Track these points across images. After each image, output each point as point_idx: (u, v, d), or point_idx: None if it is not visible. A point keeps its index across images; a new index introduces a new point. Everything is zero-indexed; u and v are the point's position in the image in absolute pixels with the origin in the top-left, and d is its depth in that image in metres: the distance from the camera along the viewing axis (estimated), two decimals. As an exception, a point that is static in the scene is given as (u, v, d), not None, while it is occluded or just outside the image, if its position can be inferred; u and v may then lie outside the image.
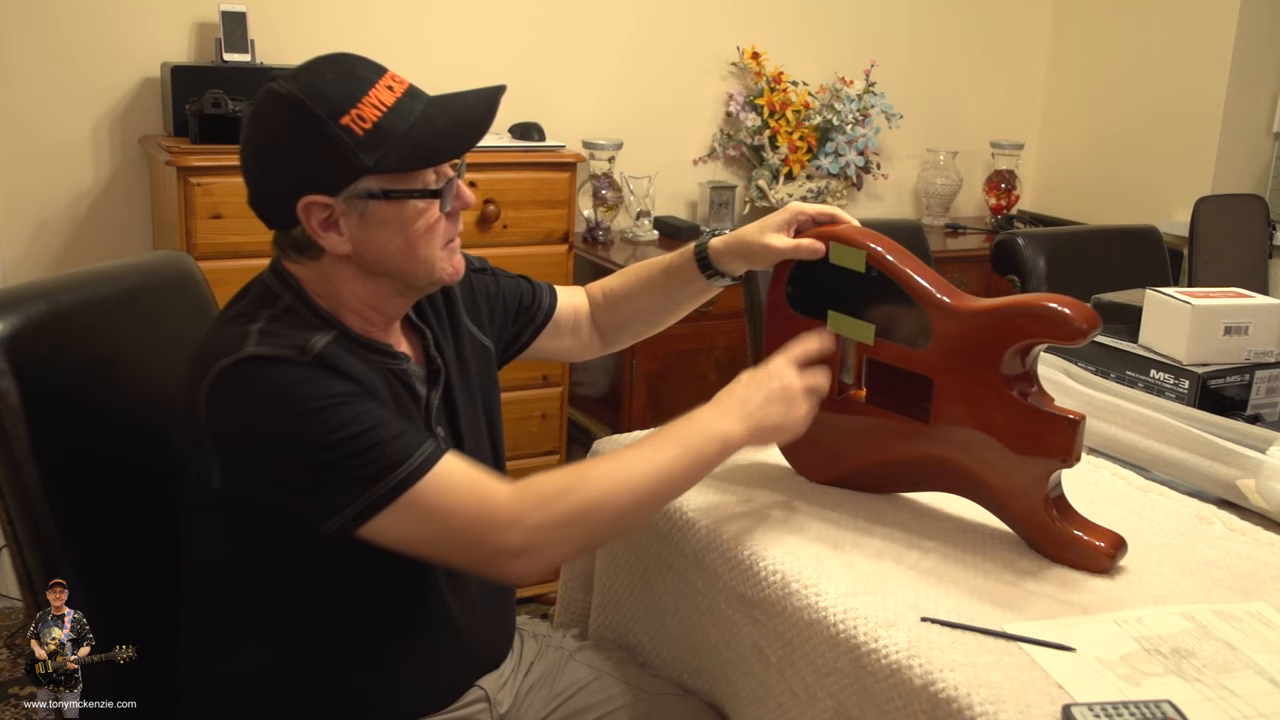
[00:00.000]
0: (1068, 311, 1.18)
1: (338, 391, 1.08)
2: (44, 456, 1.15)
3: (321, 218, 1.12)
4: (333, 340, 1.13)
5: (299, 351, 1.09)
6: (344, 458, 1.07)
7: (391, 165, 1.11)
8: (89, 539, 1.19)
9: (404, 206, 1.14)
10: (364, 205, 1.12)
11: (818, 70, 3.38)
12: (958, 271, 3.21)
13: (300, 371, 1.08)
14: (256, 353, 1.08)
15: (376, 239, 1.14)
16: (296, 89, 1.11)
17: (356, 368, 1.13)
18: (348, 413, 1.08)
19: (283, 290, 1.17)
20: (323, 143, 1.10)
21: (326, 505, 1.08)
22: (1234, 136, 3.35)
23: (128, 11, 2.58)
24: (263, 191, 1.16)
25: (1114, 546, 1.22)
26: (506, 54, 2.97)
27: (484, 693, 1.31)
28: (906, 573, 1.20)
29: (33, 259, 2.60)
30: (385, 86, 1.14)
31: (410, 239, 1.15)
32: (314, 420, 1.06)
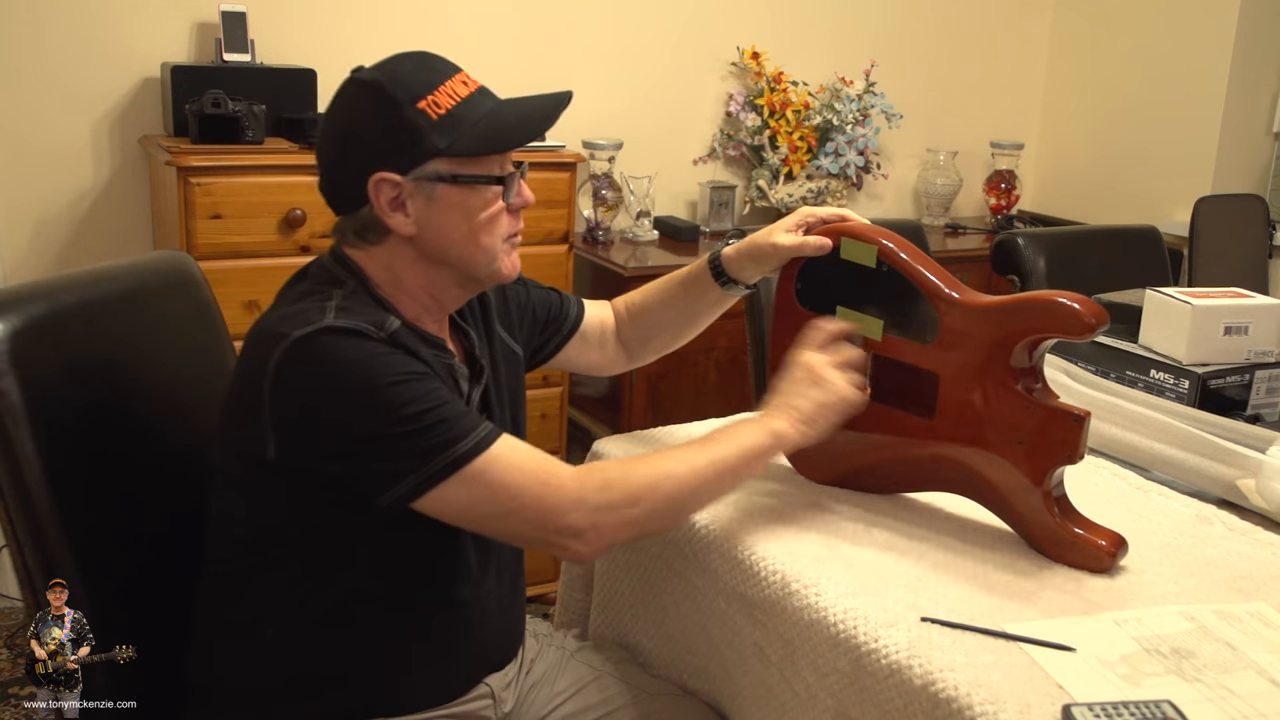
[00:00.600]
0: (1077, 306, 1.19)
1: (411, 369, 1.12)
2: (44, 456, 1.15)
3: (390, 196, 1.16)
4: (401, 325, 1.16)
5: (376, 328, 1.12)
6: (413, 431, 1.10)
7: (461, 149, 1.16)
8: (89, 539, 1.19)
9: (470, 192, 1.18)
10: (432, 188, 1.17)
11: (818, 70, 3.38)
12: (958, 271, 3.17)
13: (375, 347, 1.11)
14: (336, 324, 1.11)
15: (441, 222, 1.18)
16: (378, 75, 1.18)
17: (424, 352, 1.17)
18: (420, 389, 1.11)
19: (346, 275, 1.20)
20: (398, 123, 1.15)
21: (388, 473, 1.10)
22: (1234, 136, 3.35)
23: (128, 12, 2.58)
24: (336, 172, 1.21)
25: (1115, 545, 1.22)
26: (507, 54, 2.97)
27: (490, 690, 1.31)
28: (906, 573, 1.20)
29: (33, 259, 2.60)
30: (460, 81, 1.20)
31: (474, 226, 1.19)
32: (390, 392, 1.10)
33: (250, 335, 1.16)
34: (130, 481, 1.26)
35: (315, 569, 1.18)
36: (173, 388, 1.36)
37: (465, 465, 1.11)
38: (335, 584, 1.19)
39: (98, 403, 1.24)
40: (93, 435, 1.23)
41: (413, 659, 1.23)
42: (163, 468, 1.30)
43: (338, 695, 1.21)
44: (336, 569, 1.18)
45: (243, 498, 1.18)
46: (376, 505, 1.12)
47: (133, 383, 1.30)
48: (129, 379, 1.30)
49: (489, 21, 2.95)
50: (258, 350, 1.13)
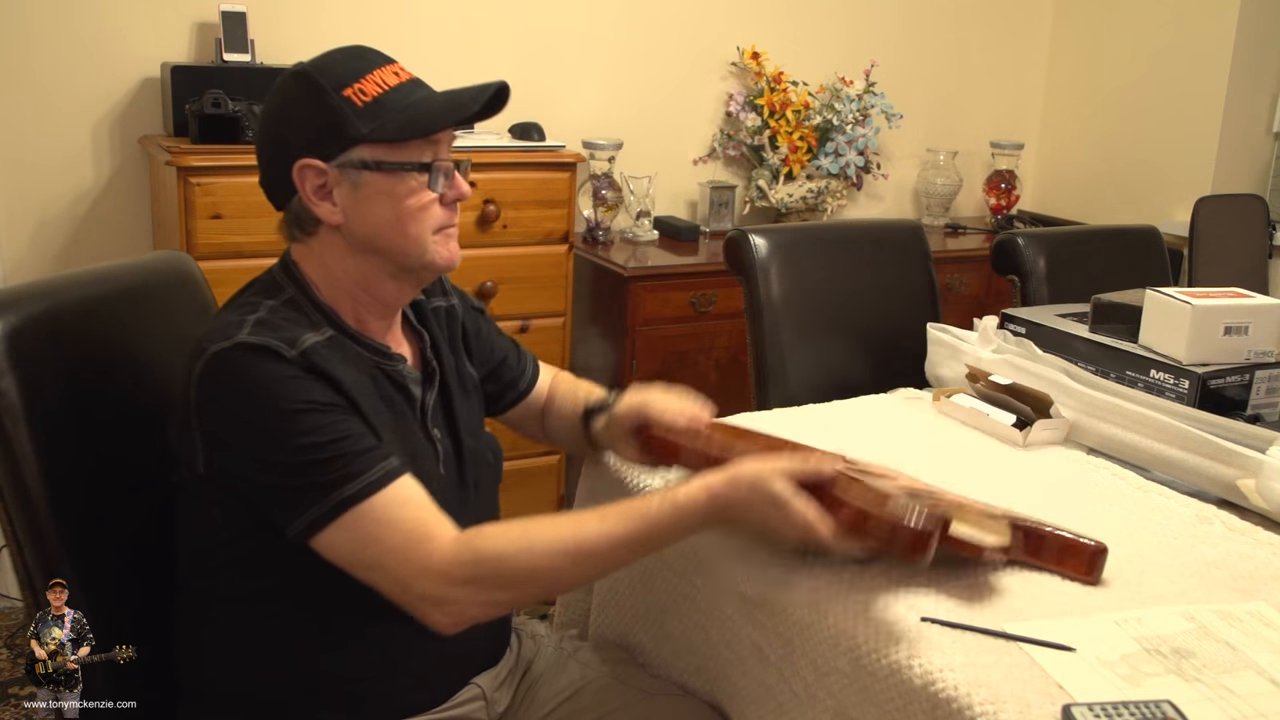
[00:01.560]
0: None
1: (314, 398, 1.10)
2: (44, 456, 1.15)
3: (316, 184, 1.17)
4: (327, 340, 1.15)
5: (288, 345, 1.11)
6: (307, 464, 1.08)
7: (385, 135, 1.15)
8: (89, 539, 1.19)
9: (395, 180, 1.17)
10: (357, 175, 1.16)
11: (818, 70, 3.38)
12: (958, 271, 3.21)
13: (283, 369, 1.10)
14: (247, 341, 1.10)
15: (368, 211, 1.17)
16: (308, 65, 1.18)
17: (344, 372, 1.14)
18: (318, 420, 1.10)
19: (287, 282, 1.20)
20: (322, 110, 1.15)
21: (292, 504, 1.10)
22: (1234, 136, 3.35)
23: (128, 12, 2.58)
24: (268, 163, 1.21)
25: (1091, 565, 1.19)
26: (507, 54, 2.97)
27: (480, 690, 1.31)
28: (906, 573, 1.20)
29: (33, 259, 2.60)
30: (392, 72, 1.19)
31: (400, 215, 1.18)
32: (286, 422, 1.09)
33: (192, 341, 1.16)
34: (130, 481, 1.26)
35: (278, 578, 1.17)
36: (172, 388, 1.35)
37: (349, 509, 1.08)
38: (301, 593, 1.18)
39: (97, 403, 1.24)
40: (92, 435, 1.23)
41: (393, 663, 1.22)
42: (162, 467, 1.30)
43: (321, 701, 1.21)
44: (299, 578, 1.17)
45: (193, 510, 1.19)
46: (286, 535, 1.10)
47: (132, 383, 1.30)
48: (129, 379, 1.30)
49: (489, 21, 2.95)
50: (188, 361, 1.13)
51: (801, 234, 2.22)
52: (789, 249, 2.09)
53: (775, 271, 2.06)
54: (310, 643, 1.20)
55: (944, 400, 1.75)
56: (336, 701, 1.21)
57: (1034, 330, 1.91)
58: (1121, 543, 1.29)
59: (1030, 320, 1.93)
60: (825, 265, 2.14)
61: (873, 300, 2.17)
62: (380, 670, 1.22)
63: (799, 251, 2.11)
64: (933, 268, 2.26)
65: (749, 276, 2.05)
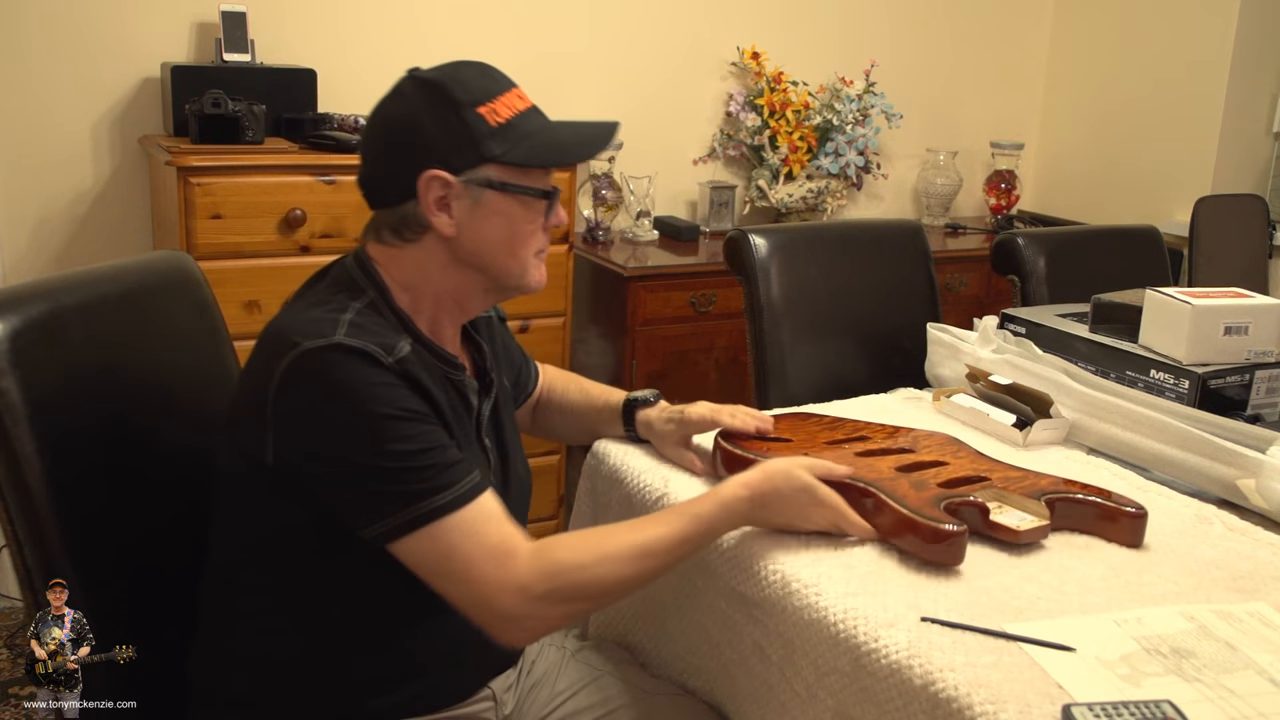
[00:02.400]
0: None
1: (410, 406, 1.12)
2: (44, 455, 1.15)
3: (438, 195, 1.17)
4: (411, 348, 1.16)
5: (385, 351, 1.12)
6: (399, 470, 1.09)
7: (516, 159, 1.18)
8: (89, 539, 1.19)
9: (516, 202, 1.19)
10: (480, 192, 1.18)
11: (818, 70, 3.38)
12: (958, 271, 3.21)
13: (380, 374, 1.11)
14: (344, 343, 1.10)
15: (483, 228, 1.19)
16: (440, 76, 1.18)
17: (430, 384, 1.16)
18: (414, 429, 1.11)
19: (366, 283, 1.20)
20: (458, 124, 1.16)
21: (371, 508, 1.10)
22: (1234, 136, 3.35)
23: (128, 11, 2.58)
24: (384, 165, 1.21)
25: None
26: (507, 54, 2.95)
27: (492, 693, 1.31)
28: (906, 573, 1.20)
29: (32, 259, 2.60)
30: (518, 95, 1.22)
31: (514, 235, 1.21)
32: (382, 427, 1.09)
33: (264, 334, 1.16)
34: (130, 481, 1.26)
35: (314, 577, 1.18)
36: (173, 387, 1.36)
37: (437, 519, 1.10)
38: (335, 593, 1.18)
39: (98, 402, 1.24)
40: (93, 435, 1.22)
41: (416, 667, 1.23)
42: (162, 467, 1.30)
43: (341, 701, 1.21)
44: (335, 578, 1.18)
45: (243, 500, 1.18)
46: (360, 538, 1.11)
47: (133, 382, 1.30)
48: (129, 379, 1.30)
49: (489, 21, 2.95)
50: (268, 352, 1.13)
51: (801, 234, 2.22)
52: (789, 249, 2.09)
53: (775, 271, 2.06)
54: (339, 646, 1.20)
55: (944, 400, 1.75)
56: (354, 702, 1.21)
57: (1034, 330, 1.91)
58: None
59: (1030, 320, 1.93)
60: (825, 265, 2.14)
61: (873, 300, 2.17)
62: (405, 672, 1.22)
63: (799, 251, 2.11)
64: (933, 268, 2.26)
65: (749, 276, 2.05)
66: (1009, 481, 1.35)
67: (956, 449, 1.46)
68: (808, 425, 1.53)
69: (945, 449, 1.45)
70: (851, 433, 1.50)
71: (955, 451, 1.45)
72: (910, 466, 1.36)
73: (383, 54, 2.82)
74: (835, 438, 1.47)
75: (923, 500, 1.25)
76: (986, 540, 1.27)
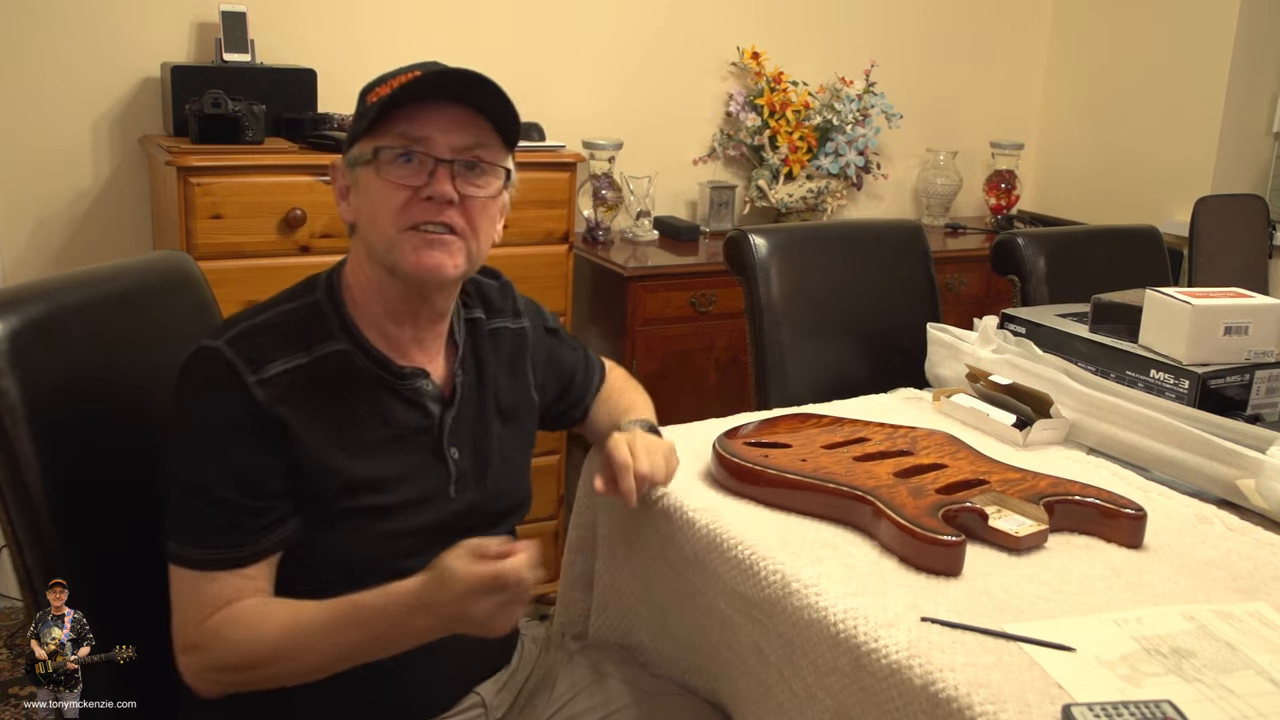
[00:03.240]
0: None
1: (233, 438, 1.12)
2: (44, 456, 1.15)
3: (341, 185, 1.20)
4: (321, 359, 1.16)
5: (253, 368, 1.12)
6: (185, 491, 1.13)
7: (361, 127, 1.16)
8: (89, 539, 1.19)
9: (371, 172, 1.16)
10: (355, 173, 1.19)
11: (818, 70, 3.38)
12: (958, 271, 3.21)
13: (227, 394, 1.12)
14: (219, 348, 1.13)
15: (360, 206, 1.19)
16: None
17: (307, 401, 1.14)
18: (217, 467, 1.12)
19: (323, 285, 1.22)
20: (357, 113, 1.18)
21: (167, 519, 1.15)
22: (1234, 136, 3.35)
23: (128, 12, 2.58)
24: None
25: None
26: (507, 54, 2.96)
27: (480, 699, 1.31)
28: (906, 573, 1.20)
29: (32, 259, 2.60)
30: (420, 74, 1.15)
31: (375, 207, 1.17)
32: (192, 442, 1.13)
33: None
34: (130, 481, 1.26)
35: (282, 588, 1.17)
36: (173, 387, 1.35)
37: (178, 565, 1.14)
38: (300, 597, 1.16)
39: (97, 403, 1.24)
40: (93, 435, 1.23)
41: (401, 670, 1.21)
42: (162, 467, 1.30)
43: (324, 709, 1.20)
44: (300, 589, 1.16)
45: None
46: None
47: (132, 383, 1.30)
48: (129, 379, 1.30)
49: (489, 21, 2.94)
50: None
51: (801, 234, 2.22)
52: (789, 249, 2.09)
53: (775, 271, 2.06)
54: None
55: (944, 400, 1.75)
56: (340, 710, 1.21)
57: (1034, 330, 1.91)
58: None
59: (1030, 320, 1.93)
60: (825, 265, 2.14)
61: (873, 300, 2.17)
62: (387, 677, 1.21)
63: (799, 251, 2.11)
64: (933, 268, 2.26)
65: (749, 276, 2.05)
66: (1008, 484, 1.35)
67: (956, 449, 1.46)
68: (806, 427, 1.53)
69: (945, 450, 1.45)
70: (850, 434, 1.50)
71: (954, 452, 1.45)
72: (909, 471, 1.36)
73: (383, 54, 2.81)
74: (834, 440, 1.47)
75: (921, 508, 1.25)
76: (986, 542, 1.27)
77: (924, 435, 1.50)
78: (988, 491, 1.33)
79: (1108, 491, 1.35)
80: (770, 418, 1.58)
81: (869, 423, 1.55)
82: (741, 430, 1.50)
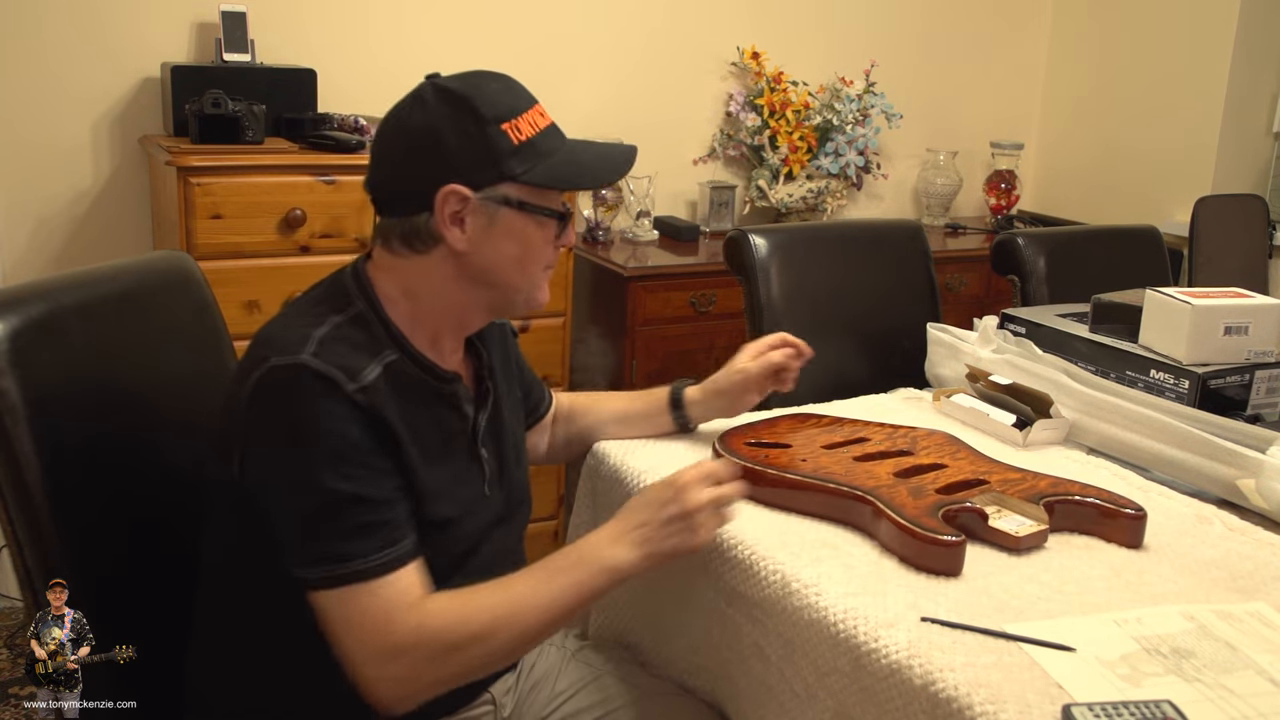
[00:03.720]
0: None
1: (358, 443, 1.10)
2: (44, 456, 1.15)
3: (454, 210, 1.16)
4: (386, 368, 1.14)
5: (349, 377, 1.10)
6: (325, 513, 1.08)
7: (535, 179, 1.17)
8: (89, 539, 1.19)
9: (532, 222, 1.19)
10: (496, 210, 1.16)
11: (818, 70, 3.38)
12: (958, 271, 3.21)
13: (337, 405, 1.09)
14: (309, 364, 1.09)
15: (497, 245, 1.18)
16: (463, 88, 1.16)
17: (397, 407, 1.13)
18: (355, 470, 1.09)
19: (358, 294, 1.18)
20: (481, 140, 1.15)
21: (298, 550, 1.10)
22: (1234, 136, 3.35)
23: (128, 12, 2.58)
24: (400, 174, 1.18)
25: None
26: (507, 54, 2.97)
27: (491, 697, 1.31)
28: (906, 573, 1.20)
29: (32, 258, 2.60)
30: (539, 112, 1.21)
31: (526, 253, 1.20)
32: (323, 460, 1.08)
33: (252, 340, 1.16)
34: (130, 481, 1.26)
35: (294, 586, 1.16)
36: (172, 388, 1.36)
37: (339, 586, 1.09)
38: None
39: (97, 403, 1.24)
40: (92, 435, 1.22)
41: None
42: (162, 467, 1.30)
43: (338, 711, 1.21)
44: None
45: (229, 513, 1.18)
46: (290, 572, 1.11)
47: (132, 383, 1.30)
48: (129, 379, 1.30)
49: (489, 21, 2.95)
50: (247, 362, 1.13)
51: (801, 234, 2.22)
52: (789, 249, 2.09)
53: (775, 271, 2.06)
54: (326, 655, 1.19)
55: (944, 400, 1.75)
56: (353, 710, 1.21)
57: (1034, 330, 1.91)
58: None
59: (1030, 320, 1.93)
60: (825, 265, 2.14)
61: (873, 300, 2.17)
62: None
63: (799, 251, 2.11)
64: (933, 268, 2.26)
65: (749, 276, 2.05)
66: (1008, 484, 1.35)
67: (955, 449, 1.46)
68: (806, 427, 1.53)
69: (944, 450, 1.45)
70: (850, 434, 1.50)
71: (954, 452, 1.45)
72: (909, 471, 1.36)
73: (383, 54, 2.82)
74: (834, 440, 1.47)
75: (921, 508, 1.25)
76: (987, 542, 1.27)
77: (924, 435, 1.50)
78: (988, 491, 1.33)
79: (1107, 491, 1.35)
80: (770, 417, 1.58)
81: (869, 423, 1.55)
82: (741, 430, 1.50)
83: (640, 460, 1.48)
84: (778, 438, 1.48)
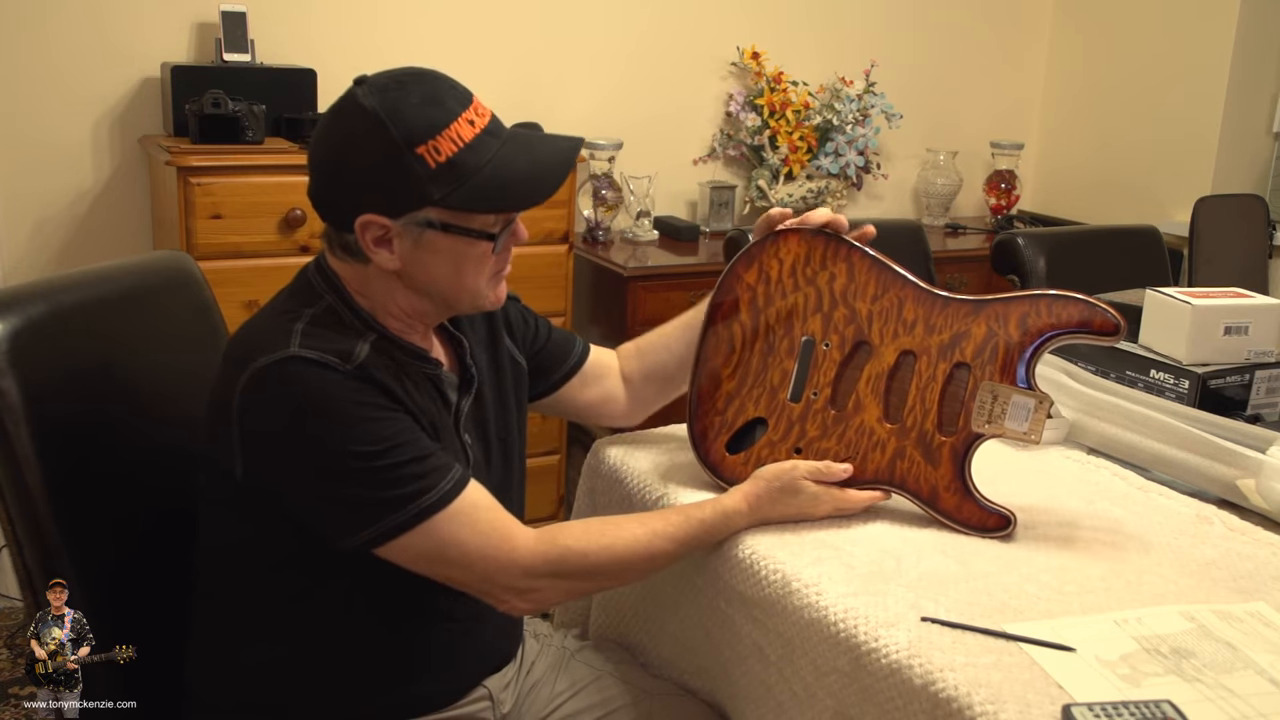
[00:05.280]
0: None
1: (376, 404, 1.10)
2: (44, 456, 1.15)
3: (376, 235, 1.13)
4: (372, 347, 1.14)
5: (342, 359, 1.10)
6: (373, 474, 1.08)
7: (455, 204, 1.11)
8: (89, 539, 1.19)
9: (461, 243, 1.15)
10: (420, 232, 1.13)
11: (818, 70, 3.38)
12: (958, 271, 3.21)
13: (343, 381, 1.09)
14: (300, 354, 1.08)
15: (426, 264, 1.15)
16: (380, 106, 1.10)
17: (395, 381, 1.14)
18: (383, 428, 1.09)
19: (325, 288, 1.18)
20: (394, 168, 1.10)
21: (346, 521, 1.09)
22: (1234, 136, 3.35)
23: (128, 12, 2.58)
24: (325, 193, 1.17)
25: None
26: (507, 54, 2.96)
27: (488, 692, 1.31)
28: (906, 573, 1.20)
29: (32, 258, 2.60)
30: (467, 120, 1.12)
31: (459, 270, 1.17)
32: (349, 430, 1.08)
33: (229, 345, 1.16)
34: (130, 481, 1.26)
35: (295, 583, 1.17)
36: (173, 388, 1.36)
37: (426, 519, 1.10)
38: (318, 599, 1.18)
39: (98, 403, 1.24)
40: (93, 435, 1.23)
41: (406, 669, 1.22)
42: (162, 468, 1.30)
43: (333, 706, 1.21)
44: (317, 584, 1.17)
45: (225, 508, 1.18)
46: (335, 548, 1.11)
47: (132, 383, 1.30)
48: (129, 379, 1.30)
49: (489, 21, 2.94)
50: (229, 364, 1.12)
51: (801, 234, 2.21)
52: (789, 249, 2.08)
53: (775, 271, 2.05)
54: (326, 651, 1.19)
55: (944, 400, 1.75)
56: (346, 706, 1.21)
57: (1034, 330, 1.90)
58: (1122, 542, 1.30)
59: (1030, 320, 1.93)
60: (825, 265, 2.13)
61: (873, 300, 2.16)
62: (398, 674, 1.22)
63: (799, 251, 2.10)
64: (933, 268, 2.26)
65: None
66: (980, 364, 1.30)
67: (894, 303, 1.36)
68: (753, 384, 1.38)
69: (890, 316, 1.35)
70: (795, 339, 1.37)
71: (900, 309, 1.35)
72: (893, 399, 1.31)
73: (383, 54, 2.82)
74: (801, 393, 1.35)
75: (945, 479, 1.30)
76: (987, 538, 1.27)
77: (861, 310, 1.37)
78: (977, 385, 1.29)
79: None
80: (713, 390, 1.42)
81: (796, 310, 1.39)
82: (707, 435, 1.39)
83: (641, 460, 1.48)
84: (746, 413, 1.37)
